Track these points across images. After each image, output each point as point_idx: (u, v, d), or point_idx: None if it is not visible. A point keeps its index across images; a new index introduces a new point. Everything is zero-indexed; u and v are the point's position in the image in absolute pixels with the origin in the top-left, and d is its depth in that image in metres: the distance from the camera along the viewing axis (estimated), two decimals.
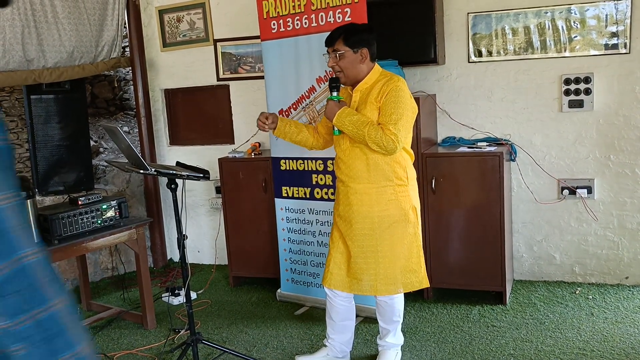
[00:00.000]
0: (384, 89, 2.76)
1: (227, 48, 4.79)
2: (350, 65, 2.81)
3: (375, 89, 2.79)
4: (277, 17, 3.80)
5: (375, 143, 2.69)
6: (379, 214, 2.83)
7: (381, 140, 2.68)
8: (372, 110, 2.77)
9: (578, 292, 3.93)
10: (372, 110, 2.77)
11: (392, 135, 2.68)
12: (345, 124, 2.76)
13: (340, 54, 2.79)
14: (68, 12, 4.37)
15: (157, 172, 3.06)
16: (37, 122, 4.50)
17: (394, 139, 2.68)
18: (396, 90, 2.73)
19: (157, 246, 5.20)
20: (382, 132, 2.68)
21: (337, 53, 2.80)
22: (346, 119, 2.75)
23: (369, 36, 2.84)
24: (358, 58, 2.81)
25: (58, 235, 3.35)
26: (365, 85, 2.85)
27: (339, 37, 2.81)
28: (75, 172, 4.69)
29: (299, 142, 3.11)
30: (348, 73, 2.83)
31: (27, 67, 4.18)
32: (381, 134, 2.68)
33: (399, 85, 2.76)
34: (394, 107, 2.71)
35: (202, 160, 4.71)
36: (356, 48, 2.79)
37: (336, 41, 2.81)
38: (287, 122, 3.06)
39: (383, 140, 2.68)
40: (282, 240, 4.08)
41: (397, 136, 2.68)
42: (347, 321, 3.11)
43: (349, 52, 2.79)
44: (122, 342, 3.69)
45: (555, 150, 4.03)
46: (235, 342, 3.58)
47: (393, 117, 2.70)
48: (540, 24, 3.91)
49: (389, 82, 2.77)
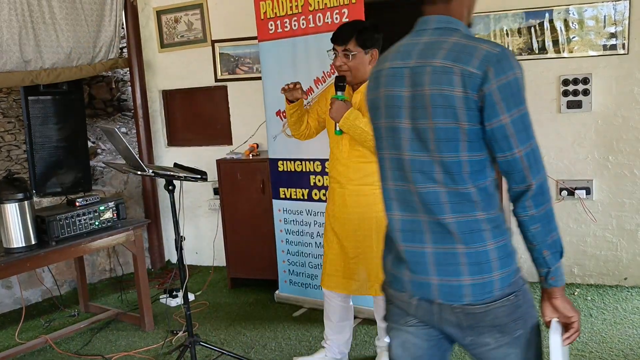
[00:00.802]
0: None
1: (225, 49, 4.78)
2: (360, 65, 2.75)
3: None
4: (274, 17, 3.79)
5: None
6: (377, 215, 2.80)
7: None
8: None
9: (577, 293, 3.93)
10: None
11: None
12: (353, 127, 2.71)
13: (353, 54, 2.73)
14: (65, 13, 4.36)
15: (154, 173, 3.05)
16: (34, 123, 4.49)
17: None
18: None
19: (154, 248, 5.18)
20: None
21: (349, 53, 2.73)
22: (354, 122, 2.70)
23: (379, 36, 2.79)
24: (368, 59, 2.75)
25: (56, 236, 3.34)
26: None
27: (351, 36, 2.72)
28: (72, 174, 4.67)
29: (293, 123, 3.05)
30: (356, 73, 2.77)
31: (25, 68, 4.17)
32: None
33: None
34: None
35: (200, 162, 4.69)
36: (367, 49, 2.74)
37: (349, 41, 2.73)
38: (301, 103, 3.01)
39: None
40: (280, 241, 4.08)
41: None
42: (345, 322, 3.10)
43: (361, 52, 2.73)
44: (120, 344, 3.68)
45: (553, 151, 4.02)
46: (234, 344, 3.57)
47: None
48: (539, 25, 3.91)
49: None
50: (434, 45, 1.48)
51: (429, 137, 1.46)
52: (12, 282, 4.27)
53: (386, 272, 1.68)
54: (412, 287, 1.56)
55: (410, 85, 1.49)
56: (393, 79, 1.53)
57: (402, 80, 1.51)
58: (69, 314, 4.20)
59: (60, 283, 4.56)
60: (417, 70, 1.48)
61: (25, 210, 3.23)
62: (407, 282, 1.57)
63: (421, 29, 1.59)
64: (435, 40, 1.50)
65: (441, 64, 1.43)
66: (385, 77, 1.56)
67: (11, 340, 3.80)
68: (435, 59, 1.45)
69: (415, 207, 1.54)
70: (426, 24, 1.58)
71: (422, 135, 1.48)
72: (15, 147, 4.89)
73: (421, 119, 1.47)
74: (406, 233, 1.57)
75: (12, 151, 4.87)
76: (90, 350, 3.62)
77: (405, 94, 1.50)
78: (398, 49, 1.59)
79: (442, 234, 1.50)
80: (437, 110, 1.44)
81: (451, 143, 1.44)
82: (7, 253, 3.20)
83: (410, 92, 1.49)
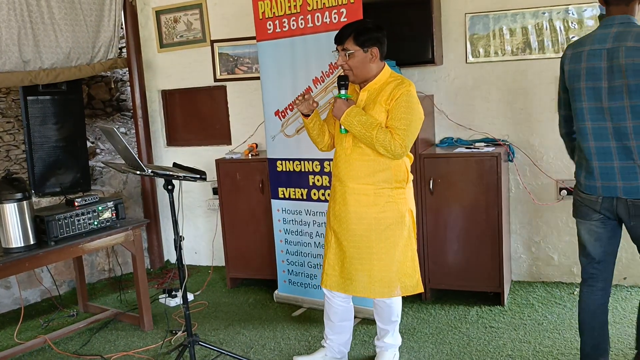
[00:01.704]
0: (394, 93, 2.72)
1: (224, 49, 4.78)
2: (360, 64, 2.76)
3: (386, 91, 2.75)
4: (272, 17, 3.79)
5: (383, 147, 2.67)
6: (376, 216, 2.81)
7: (390, 144, 2.66)
8: (380, 111, 2.73)
9: (576, 293, 3.93)
10: (380, 111, 2.73)
11: (400, 140, 2.66)
12: (354, 123, 2.71)
13: (350, 53, 2.74)
14: (65, 13, 4.36)
15: (153, 173, 3.04)
16: (33, 123, 4.49)
17: (402, 144, 2.66)
18: (407, 96, 2.71)
19: (154, 247, 5.18)
20: (391, 136, 2.67)
21: (347, 52, 2.75)
22: (355, 118, 2.71)
23: (379, 35, 2.78)
24: (368, 57, 2.76)
25: (54, 236, 3.33)
26: (374, 86, 2.81)
27: (349, 35, 2.74)
28: (71, 174, 4.67)
29: (316, 136, 3.01)
30: (357, 72, 2.78)
31: (24, 68, 4.17)
32: (390, 138, 2.66)
33: (411, 90, 2.73)
34: (404, 113, 2.68)
35: (199, 162, 4.70)
36: (366, 47, 2.74)
37: (346, 40, 2.74)
38: (317, 113, 2.98)
39: (391, 145, 2.66)
40: (279, 241, 4.07)
41: (405, 142, 2.67)
42: (345, 322, 3.10)
43: (359, 51, 2.74)
44: (119, 344, 3.67)
45: (553, 151, 4.02)
46: (233, 344, 3.57)
47: (403, 122, 2.68)
48: (538, 25, 3.91)
49: (400, 86, 2.73)
50: (622, 34, 2.35)
51: (623, 90, 2.34)
52: (11, 282, 4.26)
53: (580, 184, 2.57)
54: (602, 191, 2.45)
55: (607, 60, 2.37)
56: (593, 57, 2.41)
57: (601, 57, 2.39)
58: (67, 314, 4.20)
59: (59, 283, 4.55)
60: (613, 49, 2.35)
61: (24, 210, 3.22)
62: (597, 187, 2.47)
63: (608, 24, 2.41)
64: (622, 30, 2.36)
65: (632, 44, 2.31)
66: (586, 55, 2.43)
67: (10, 340, 3.79)
68: (626, 41, 2.33)
69: (608, 137, 2.41)
70: (612, 20, 2.41)
71: (616, 90, 2.36)
72: (14, 147, 4.89)
73: (617, 79, 2.35)
74: (599, 155, 2.44)
75: (11, 151, 4.87)
76: (89, 350, 3.62)
77: (603, 65, 2.39)
78: (593, 38, 2.43)
79: (625, 154, 2.38)
80: (628, 73, 2.32)
81: (638, 93, 2.31)
82: (6, 253, 3.20)
83: (607, 64, 2.37)
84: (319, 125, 2.98)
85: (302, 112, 2.92)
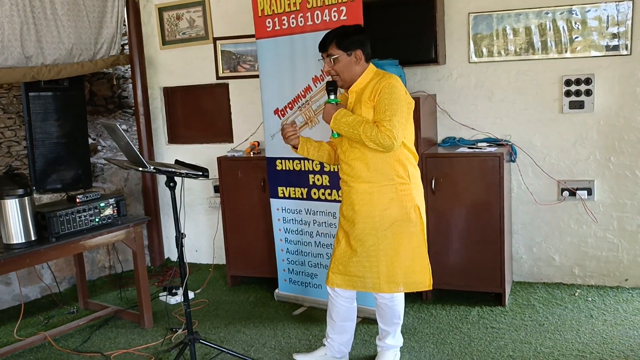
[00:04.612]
0: (376, 87, 2.76)
1: (226, 46, 4.77)
2: (345, 68, 2.84)
3: (369, 88, 2.80)
4: (272, 15, 3.77)
5: (372, 140, 2.69)
6: (380, 213, 2.82)
7: (377, 137, 2.67)
8: (367, 109, 2.77)
9: (577, 294, 3.92)
10: (367, 109, 2.77)
11: (387, 131, 2.67)
12: (342, 125, 2.77)
13: (335, 58, 2.82)
14: (67, 9, 4.35)
15: (155, 169, 3.03)
16: (35, 119, 4.48)
17: (390, 135, 2.67)
18: (389, 87, 2.73)
19: (154, 245, 5.18)
20: (378, 129, 2.68)
21: (331, 58, 2.83)
22: (342, 120, 2.77)
23: (361, 37, 2.85)
24: (352, 60, 2.83)
25: (55, 233, 3.33)
26: (359, 86, 2.86)
27: (331, 41, 2.83)
28: (73, 170, 4.67)
29: (319, 157, 3.10)
30: (344, 76, 2.86)
31: (26, 64, 4.16)
32: (376, 131, 2.68)
33: (392, 82, 2.76)
34: (387, 104, 2.71)
35: (201, 159, 4.68)
36: (349, 51, 2.81)
37: (329, 46, 2.83)
38: (307, 140, 3.05)
39: (379, 137, 2.67)
40: (279, 240, 4.07)
41: (393, 132, 2.67)
42: (347, 322, 3.09)
43: (343, 55, 2.82)
44: (119, 341, 3.67)
45: (555, 152, 4.02)
46: (233, 342, 3.56)
47: (387, 113, 2.70)
48: (541, 25, 3.90)
49: (381, 80, 2.78)
50: None
51: None
52: (11, 278, 4.26)
53: None
54: None
55: None
56: None
57: None
58: (68, 311, 4.20)
59: (60, 280, 4.55)
60: None
61: (26, 206, 3.22)
62: None
63: None
64: None
65: None
66: None
67: (10, 336, 3.79)
68: None
69: None
70: None
71: None
72: (15, 143, 4.88)
73: None
74: None
75: (12, 147, 4.86)
76: (90, 347, 3.61)
77: None
78: None
79: None
80: None
81: None
82: (6, 249, 3.19)
83: None
84: (314, 149, 3.05)
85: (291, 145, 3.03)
